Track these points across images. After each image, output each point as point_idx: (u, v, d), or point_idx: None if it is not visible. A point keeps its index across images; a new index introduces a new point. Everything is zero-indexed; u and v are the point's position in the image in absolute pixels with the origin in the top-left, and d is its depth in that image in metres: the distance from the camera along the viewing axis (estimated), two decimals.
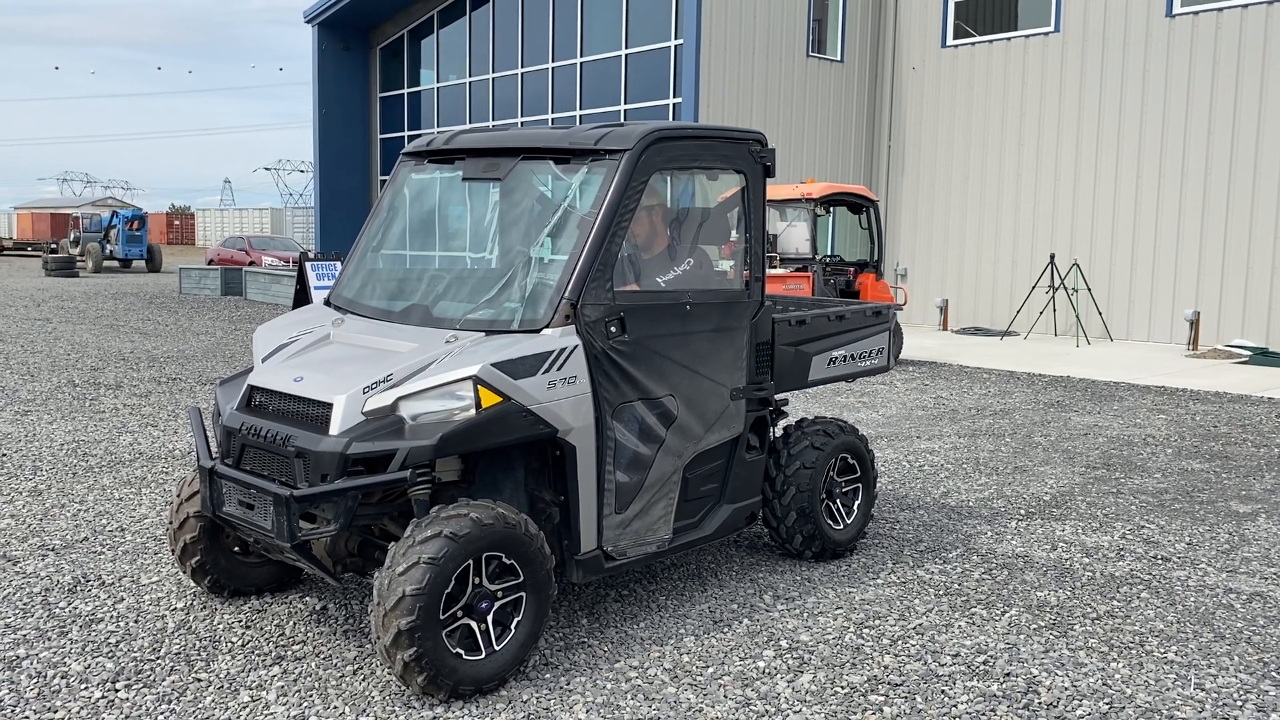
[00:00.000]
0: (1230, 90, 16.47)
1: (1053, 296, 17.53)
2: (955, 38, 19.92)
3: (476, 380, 3.92)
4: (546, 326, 4.15)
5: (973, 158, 19.65)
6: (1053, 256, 17.45)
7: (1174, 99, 17.05)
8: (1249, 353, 14.99)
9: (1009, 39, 19.12)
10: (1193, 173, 16.93)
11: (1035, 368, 13.84)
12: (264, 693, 3.93)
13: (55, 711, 3.77)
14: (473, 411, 3.93)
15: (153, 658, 4.23)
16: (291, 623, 4.60)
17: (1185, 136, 16.97)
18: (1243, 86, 16.34)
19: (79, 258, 34.51)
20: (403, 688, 3.95)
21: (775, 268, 13.57)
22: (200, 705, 3.83)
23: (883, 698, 3.98)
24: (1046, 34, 18.58)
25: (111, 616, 4.66)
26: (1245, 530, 6.34)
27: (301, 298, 15.96)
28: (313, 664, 4.19)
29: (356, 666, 4.16)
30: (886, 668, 4.25)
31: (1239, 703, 4.00)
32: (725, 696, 3.97)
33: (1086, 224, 18.21)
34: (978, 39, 19.60)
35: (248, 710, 3.80)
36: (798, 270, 13.37)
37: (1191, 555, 5.83)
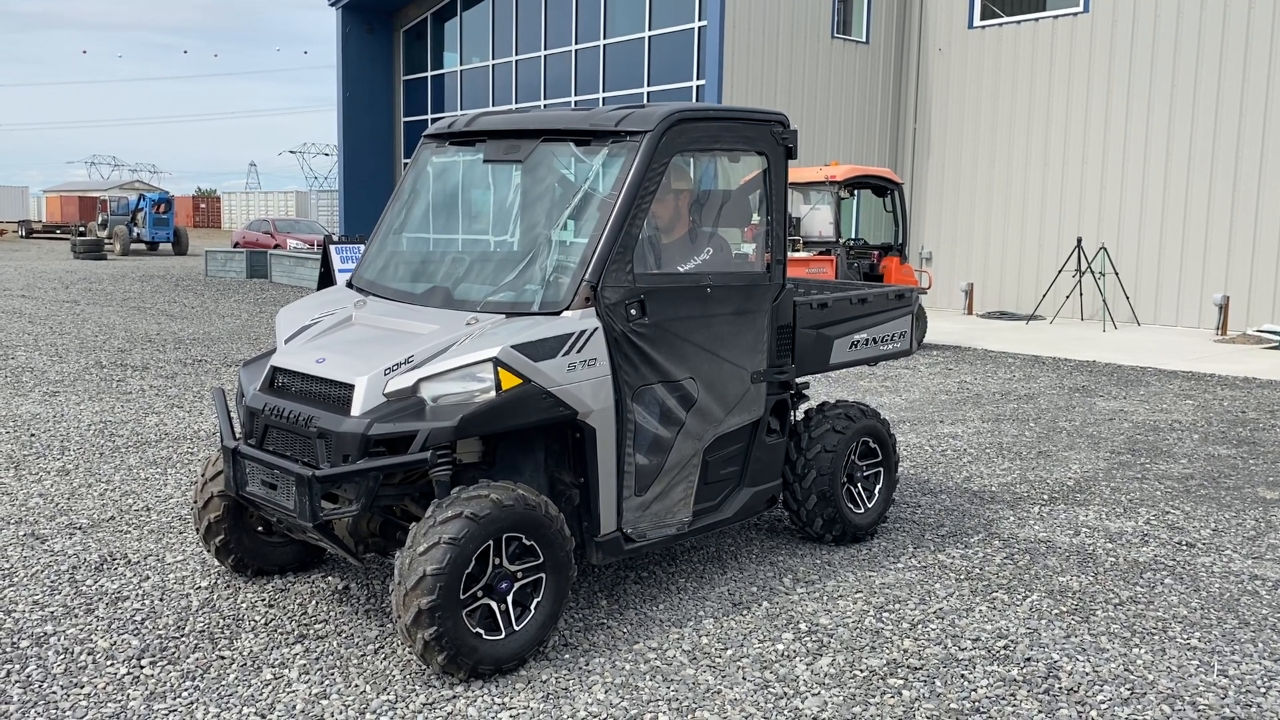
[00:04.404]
0: (1263, 72, 16.20)
1: (1079, 280, 17.35)
2: (983, 18, 19.70)
3: (497, 362, 3.93)
4: (567, 309, 4.15)
5: (999, 140, 19.45)
6: (1079, 240, 17.27)
7: (1205, 80, 16.80)
8: (1279, 338, 14.80)
9: (1037, 19, 18.89)
10: (1223, 156, 16.69)
11: (1061, 352, 13.73)
12: (286, 670, 3.98)
13: (82, 687, 3.83)
14: (493, 393, 3.94)
15: (177, 635, 4.28)
16: (314, 602, 4.64)
17: (1216, 119, 16.72)
18: (1275, 68, 16.08)
19: (106, 240, 34.85)
20: (423, 667, 3.98)
21: (798, 251, 13.52)
22: (224, 682, 3.88)
23: (902, 681, 3.98)
24: (1075, 14, 18.34)
25: (137, 594, 4.71)
26: (1272, 516, 6.27)
27: (325, 280, 16.05)
28: (334, 643, 4.22)
29: (378, 645, 4.20)
30: (906, 651, 4.24)
31: (1263, 690, 3.97)
32: (744, 678, 3.98)
33: (1114, 207, 18.01)
34: (1005, 20, 19.37)
35: (270, 688, 3.84)
36: (821, 254, 13.31)
37: (1217, 541, 5.77)
